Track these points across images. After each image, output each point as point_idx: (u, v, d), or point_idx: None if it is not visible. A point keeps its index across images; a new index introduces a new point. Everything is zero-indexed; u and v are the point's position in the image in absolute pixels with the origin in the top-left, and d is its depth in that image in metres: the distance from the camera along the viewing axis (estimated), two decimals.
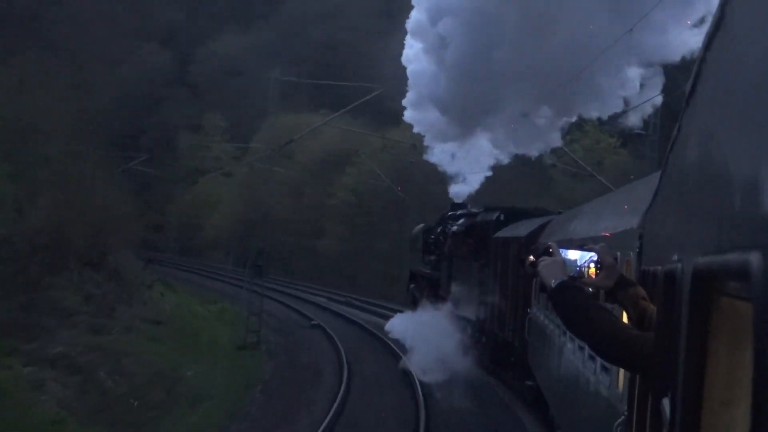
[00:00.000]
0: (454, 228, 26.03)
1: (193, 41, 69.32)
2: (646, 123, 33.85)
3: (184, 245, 63.55)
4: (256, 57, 64.68)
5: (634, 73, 24.37)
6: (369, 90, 33.63)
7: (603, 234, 7.89)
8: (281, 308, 36.03)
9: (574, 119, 29.38)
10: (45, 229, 23.61)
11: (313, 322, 31.29)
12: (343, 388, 19.31)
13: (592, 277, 3.42)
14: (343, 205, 50.79)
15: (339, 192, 51.28)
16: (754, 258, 1.35)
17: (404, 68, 30.60)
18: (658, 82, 24.24)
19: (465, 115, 28.20)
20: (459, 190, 31.27)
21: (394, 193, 43.83)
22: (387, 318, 30.83)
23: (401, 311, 30.97)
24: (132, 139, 56.31)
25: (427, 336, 23.37)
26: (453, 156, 31.42)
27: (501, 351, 20.37)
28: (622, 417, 5.92)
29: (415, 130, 32.34)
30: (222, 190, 60.88)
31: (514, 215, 21.12)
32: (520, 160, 32.47)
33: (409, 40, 30.30)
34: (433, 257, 28.82)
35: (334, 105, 44.43)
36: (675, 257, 2.35)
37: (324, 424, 15.59)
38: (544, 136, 27.99)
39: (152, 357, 21.43)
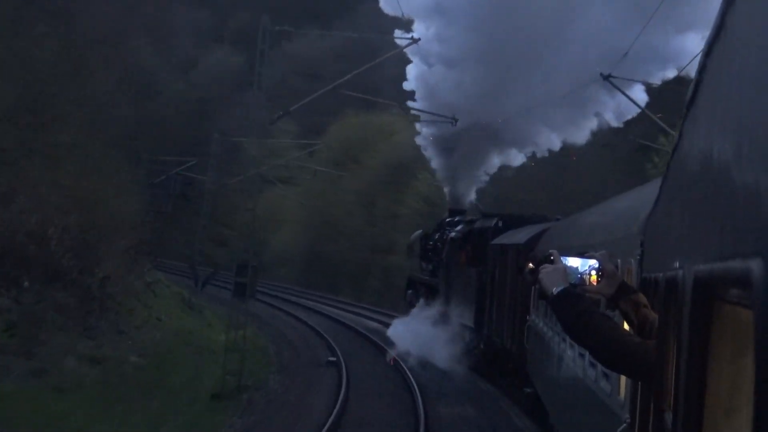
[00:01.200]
0: (452, 234, 26.04)
1: (269, 43, 67.75)
2: None
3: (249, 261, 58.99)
4: (333, 59, 62.75)
5: None
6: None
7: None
8: (312, 336, 29.89)
9: None
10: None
11: (330, 359, 24.37)
12: None
13: (593, 285, 3.42)
14: (415, 215, 43.42)
15: (410, 200, 44.81)
16: (756, 265, 1.35)
17: None
18: None
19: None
20: (459, 196, 31.35)
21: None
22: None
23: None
24: (195, 145, 54.17)
25: (423, 341, 23.38)
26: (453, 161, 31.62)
27: (499, 358, 20.35)
28: (624, 425, 5.91)
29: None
30: (289, 200, 52.81)
31: (513, 222, 21.13)
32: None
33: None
34: (431, 264, 28.82)
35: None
36: (676, 264, 2.35)
37: None
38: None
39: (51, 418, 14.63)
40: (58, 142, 22.60)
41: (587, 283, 3.41)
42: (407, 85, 32.40)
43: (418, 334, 24.72)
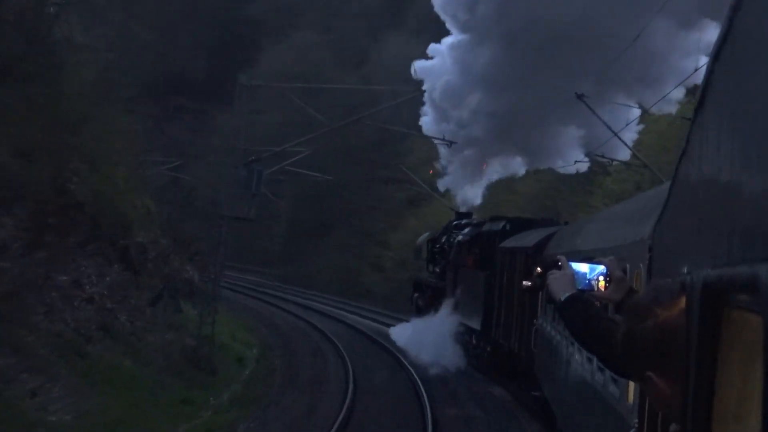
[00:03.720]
0: (460, 237, 26.03)
1: None
2: None
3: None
4: None
5: None
6: None
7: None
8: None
9: None
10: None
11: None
12: None
13: (601, 290, 3.41)
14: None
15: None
16: (764, 271, 1.35)
17: None
18: None
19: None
20: (466, 199, 31.36)
21: None
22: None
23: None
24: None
25: (431, 344, 23.34)
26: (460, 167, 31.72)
27: (507, 361, 20.32)
28: (633, 429, 5.90)
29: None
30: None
31: (520, 225, 21.12)
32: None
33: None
34: (438, 267, 28.80)
35: None
36: (685, 270, 2.34)
37: None
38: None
39: None
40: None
41: (595, 289, 3.40)
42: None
43: (423, 337, 24.71)
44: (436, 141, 31.87)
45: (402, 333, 27.86)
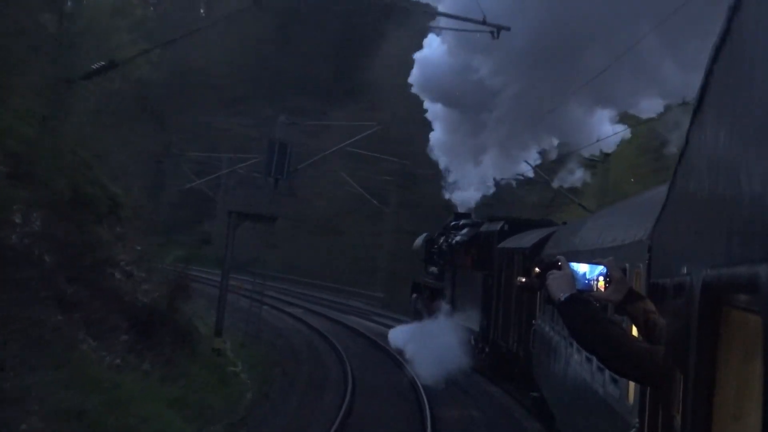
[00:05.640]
0: (458, 238, 26.03)
1: None
2: None
3: None
4: None
5: None
6: None
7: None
8: None
9: None
10: None
11: None
12: None
13: (601, 291, 3.42)
14: None
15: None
16: (763, 271, 1.35)
17: None
18: None
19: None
20: (463, 199, 31.40)
21: None
22: None
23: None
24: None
25: (430, 346, 23.30)
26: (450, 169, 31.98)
27: (505, 362, 20.32)
28: (633, 430, 5.90)
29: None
30: None
31: (519, 226, 21.12)
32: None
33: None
34: (436, 267, 28.80)
35: None
36: (684, 270, 2.35)
37: None
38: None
39: None
40: None
41: (595, 289, 3.41)
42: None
43: (422, 338, 24.69)
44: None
45: (399, 335, 27.82)
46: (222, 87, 61.83)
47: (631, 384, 6.28)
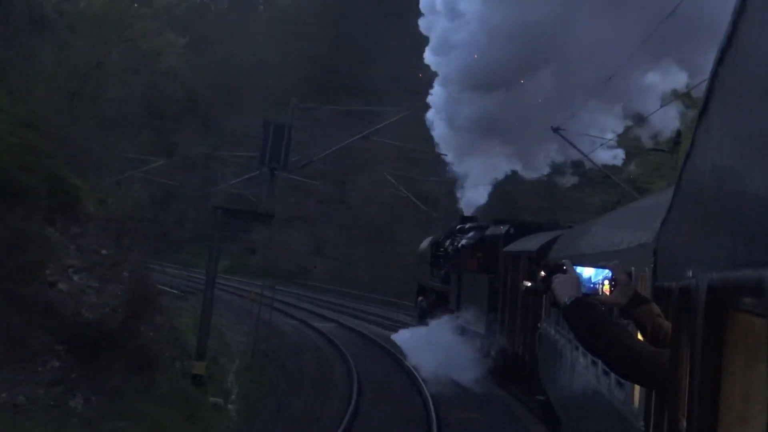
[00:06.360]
0: (464, 241, 26.02)
1: None
2: None
3: None
4: None
5: None
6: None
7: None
8: None
9: None
10: None
11: None
12: None
13: (606, 294, 3.42)
14: None
15: None
16: None
17: None
18: None
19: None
20: (469, 201, 31.40)
21: None
22: None
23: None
24: None
25: (435, 349, 23.28)
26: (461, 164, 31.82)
27: (511, 365, 20.29)
28: None
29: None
30: None
31: (524, 229, 21.10)
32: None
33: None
34: (441, 270, 28.78)
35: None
36: (690, 273, 2.35)
37: None
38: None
39: None
40: None
41: (600, 293, 3.41)
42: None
43: (429, 341, 24.67)
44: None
45: (405, 338, 27.78)
46: (273, 88, 59.43)
47: (637, 387, 6.27)
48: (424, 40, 33.00)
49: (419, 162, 42.35)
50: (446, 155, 30.18)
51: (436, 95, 32.24)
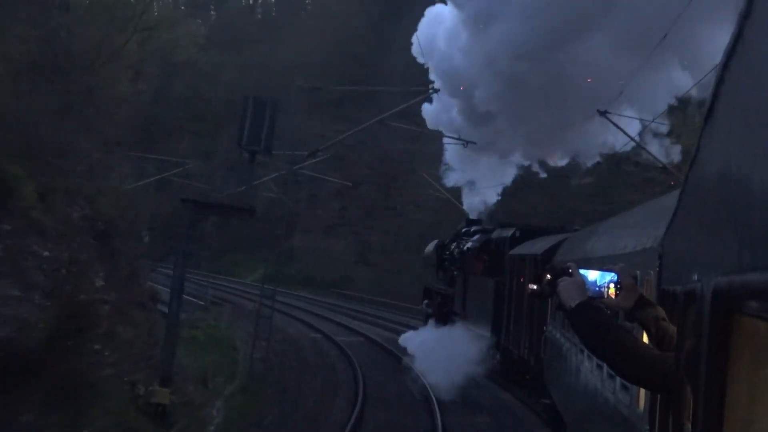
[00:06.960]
0: (469, 244, 26.01)
1: None
2: None
3: None
4: None
5: None
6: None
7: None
8: None
9: None
10: None
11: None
12: None
13: (611, 298, 3.42)
14: None
15: None
16: None
17: None
18: None
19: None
20: (474, 204, 31.32)
21: None
22: None
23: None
24: None
25: (441, 352, 23.26)
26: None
27: (516, 368, 20.27)
28: None
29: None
30: None
31: (530, 232, 21.10)
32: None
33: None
34: (447, 273, 28.77)
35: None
36: (695, 277, 2.34)
37: None
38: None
39: None
40: None
41: (605, 296, 3.40)
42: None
43: (432, 343, 24.64)
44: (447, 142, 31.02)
45: (411, 340, 27.73)
46: (316, 89, 58.89)
47: (642, 391, 6.26)
48: None
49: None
50: (474, 143, 28.74)
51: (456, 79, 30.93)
